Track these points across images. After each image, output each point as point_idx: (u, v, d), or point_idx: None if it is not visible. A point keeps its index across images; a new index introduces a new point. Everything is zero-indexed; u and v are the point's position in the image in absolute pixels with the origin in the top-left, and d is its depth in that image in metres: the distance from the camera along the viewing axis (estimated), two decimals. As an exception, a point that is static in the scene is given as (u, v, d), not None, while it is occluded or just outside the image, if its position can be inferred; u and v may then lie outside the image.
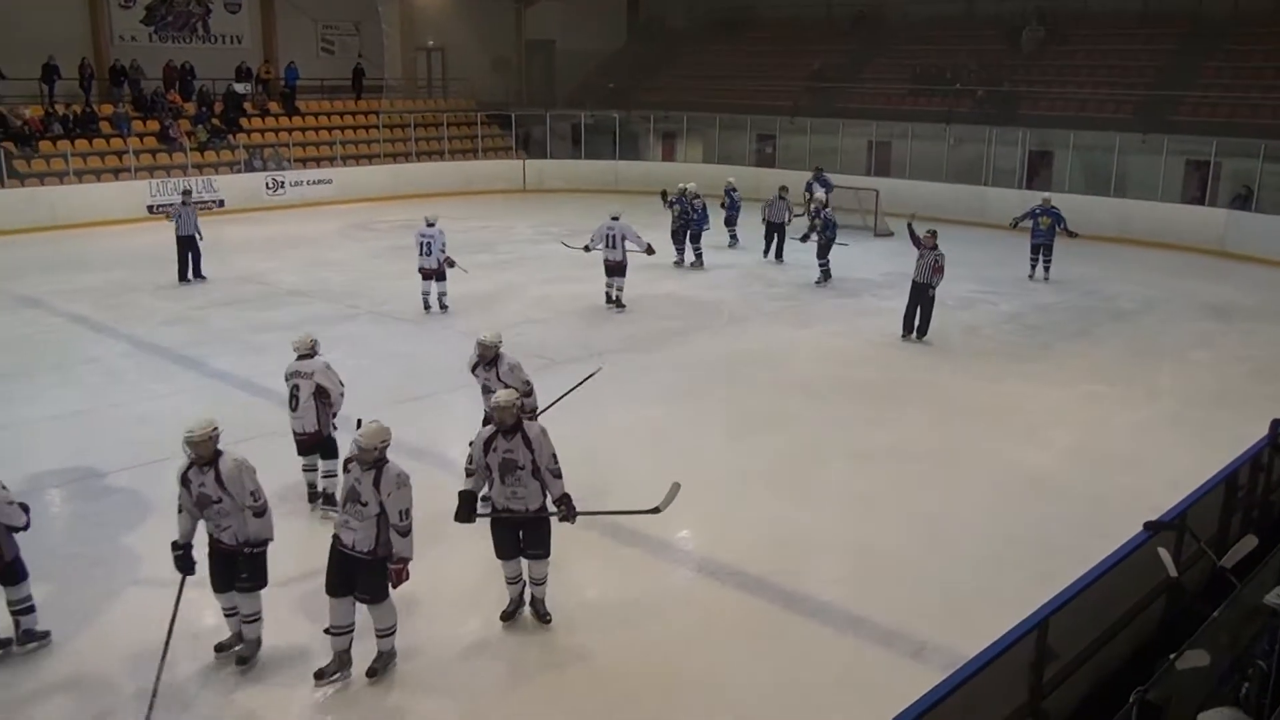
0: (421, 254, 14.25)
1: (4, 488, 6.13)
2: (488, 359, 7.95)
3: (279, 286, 16.29)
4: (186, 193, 17.71)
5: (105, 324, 13.79)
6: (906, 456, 9.44)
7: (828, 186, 20.67)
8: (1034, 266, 17.22)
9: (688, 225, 17.79)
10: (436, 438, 9.70)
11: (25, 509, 6.17)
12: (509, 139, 30.76)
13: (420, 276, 14.48)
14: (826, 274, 16.47)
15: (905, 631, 6.42)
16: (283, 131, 27.51)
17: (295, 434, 8.28)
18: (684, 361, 12.36)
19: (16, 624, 6.21)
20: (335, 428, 8.26)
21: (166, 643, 5.68)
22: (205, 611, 6.35)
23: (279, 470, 8.84)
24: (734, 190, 20.04)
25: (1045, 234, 17.02)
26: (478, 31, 32.68)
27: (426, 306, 14.50)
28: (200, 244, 16.67)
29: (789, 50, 30.20)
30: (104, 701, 5.66)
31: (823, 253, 16.38)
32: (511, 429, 6.25)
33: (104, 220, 22.13)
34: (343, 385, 8.33)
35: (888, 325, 13.47)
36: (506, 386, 7.10)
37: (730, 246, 19.55)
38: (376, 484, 5.70)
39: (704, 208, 18.05)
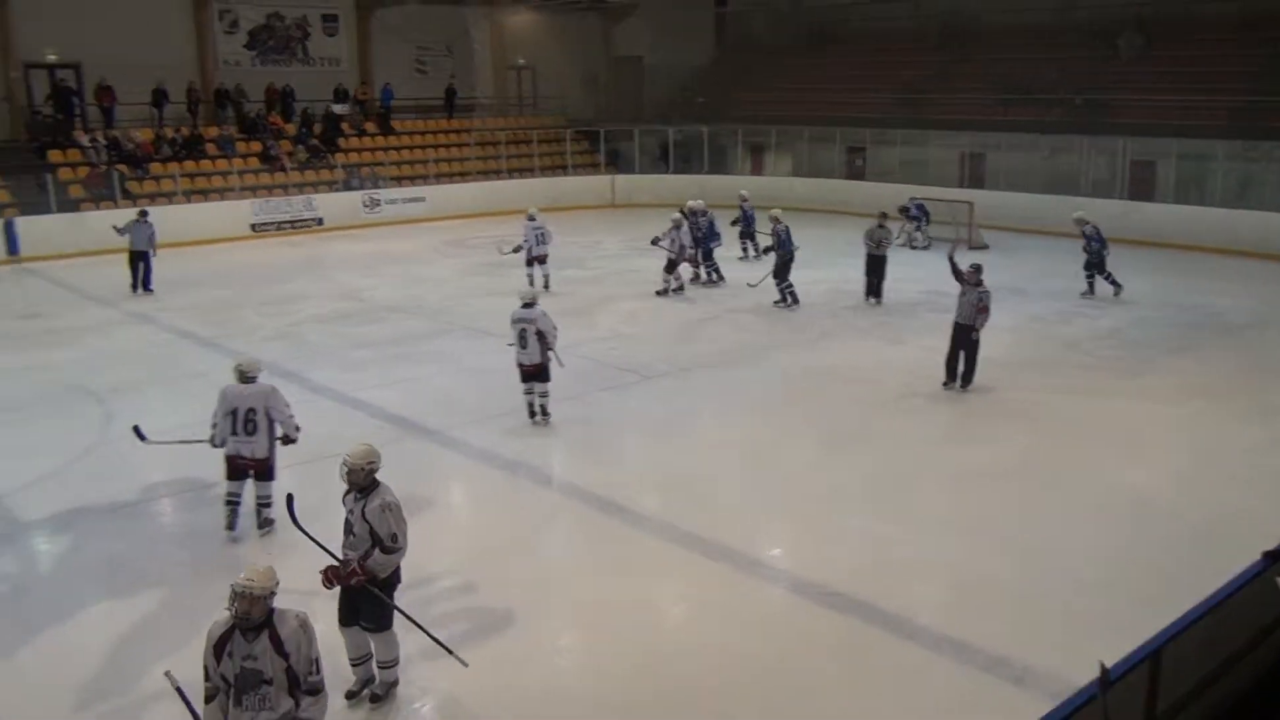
0: (538, 243, 16.58)
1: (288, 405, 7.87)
2: (361, 484, 5.86)
3: (376, 302, 16.65)
4: (143, 212, 18.20)
5: (211, 339, 14.24)
6: (1005, 476, 9.22)
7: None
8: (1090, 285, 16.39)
9: (697, 243, 17.65)
10: (528, 452, 9.78)
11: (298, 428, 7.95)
12: (597, 155, 31.02)
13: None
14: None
15: (1008, 657, 6.26)
16: (379, 150, 28.16)
17: (522, 365, 10.23)
18: (774, 377, 12.28)
19: (259, 513, 7.95)
20: (552, 358, 10.28)
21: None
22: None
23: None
24: (745, 201, 19.78)
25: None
26: (566, 49, 33.07)
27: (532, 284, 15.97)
28: (153, 259, 17.65)
29: (877, 62, 29.88)
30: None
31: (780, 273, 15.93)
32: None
33: (209, 239, 22.88)
34: (557, 328, 10.29)
35: (985, 342, 13.19)
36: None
37: (742, 259, 19.24)
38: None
39: (711, 224, 17.79)
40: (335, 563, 5.65)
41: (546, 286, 16.62)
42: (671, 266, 16.71)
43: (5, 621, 6.76)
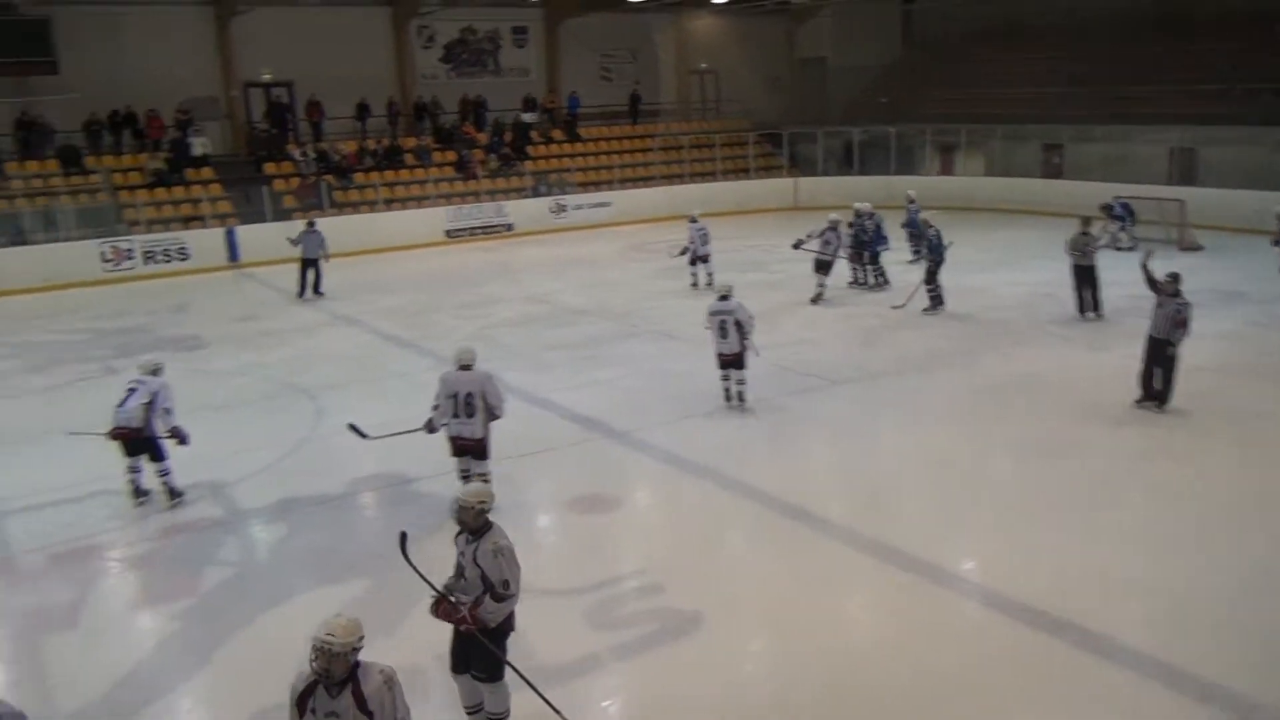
0: (701, 244, 17.57)
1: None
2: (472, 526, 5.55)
3: (564, 306, 17.06)
4: (311, 223, 19.25)
5: (411, 341, 14.92)
6: (1217, 492, 8.61)
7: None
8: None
9: (863, 246, 17.17)
10: (716, 455, 9.80)
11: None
12: (781, 157, 30.84)
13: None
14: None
15: (1227, 687, 5.85)
16: (566, 157, 28.87)
17: (722, 354, 10.88)
18: (966, 384, 11.88)
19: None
20: (749, 347, 10.88)
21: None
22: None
23: (559, 480, 9.27)
24: (913, 203, 18.94)
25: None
26: (749, 52, 33.03)
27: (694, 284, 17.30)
28: (323, 265, 18.73)
29: (1074, 55, 28.47)
30: (413, 692, 6.06)
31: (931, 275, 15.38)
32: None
33: (407, 245, 23.99)
34: (753, 318, 10.90)
35: (1198, 348, 12.38)
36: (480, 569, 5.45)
37: (912, 261, 18.35)
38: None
39: (879, 227, 17.20)
40: (444, 597, 5.37)
41: (710, 284, 17.08)
42: (823, 268, 16.36)
43: (229, 604, 7.27)
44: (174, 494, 9.13)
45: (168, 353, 14.55)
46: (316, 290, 18.79)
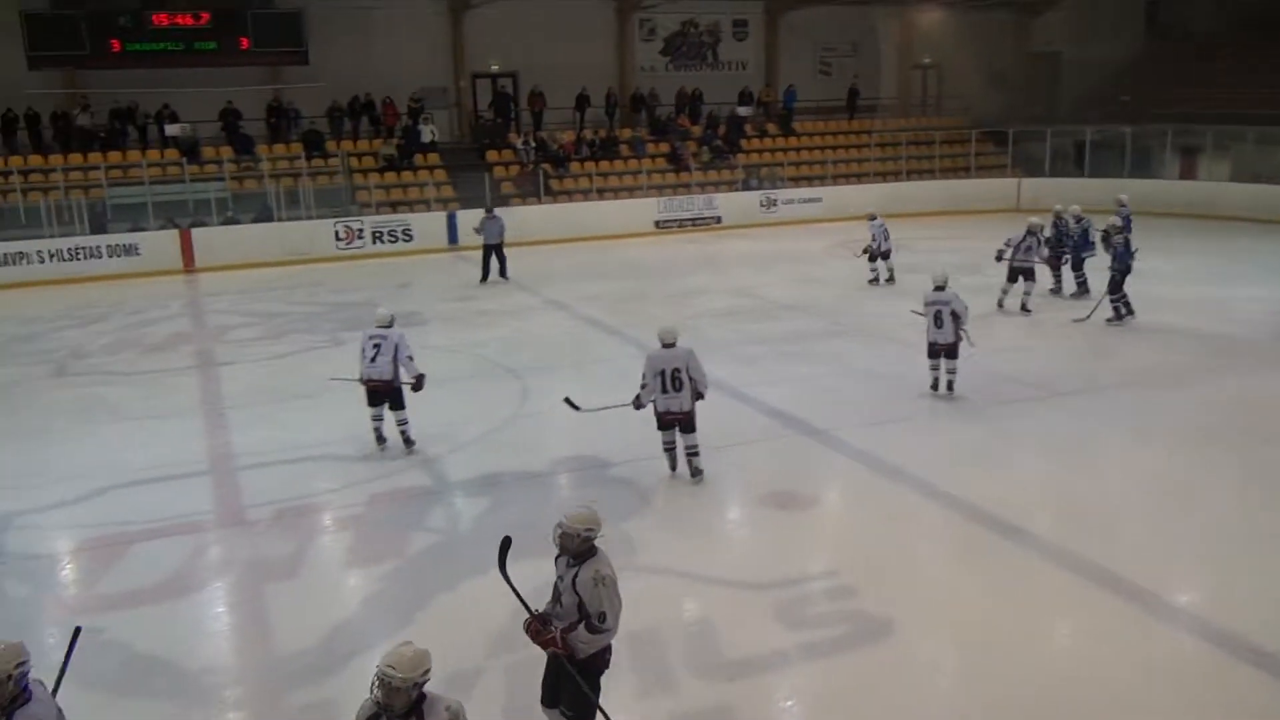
0: (884, 240, 17.63)
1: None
2: (574, 551, 5.13)
3: (770, 300, 16.94)
4: (491, 210, 19.99)
5: (616, 328, 15.17)
6: None
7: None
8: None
9: (1063, 251, 16.08)
10: (917, 460, 9.49)
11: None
12: (1003, 157, 29.52)
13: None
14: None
15: None
16: (778, 151, 28.65)
17: (935, 343, 11.04)
18: (1199, 403, 11.01)
19: (689, 462, 8.95)
20: (964, 337, 11.08)
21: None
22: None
23: (754, 475, 9.19)
24: (1124, 206, 17.42)
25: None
26: (975, 47, 31.73)
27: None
28: (505, 251, 19.44)
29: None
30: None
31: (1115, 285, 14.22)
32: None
33: (617, 234, 24.41)
34: (968, 308, 11.09)
35: None
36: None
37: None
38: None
39: (1086, 232, 15.97)
40: (535, 616, 5.03)
41: (890, 280, 17.78)
42: (1025, 275, 15.34)
43: (432, 568, 7.58)
44: (409, 442, 10.03)
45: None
46: (502, 275, 19.40)
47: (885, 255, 17.86)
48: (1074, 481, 9.09)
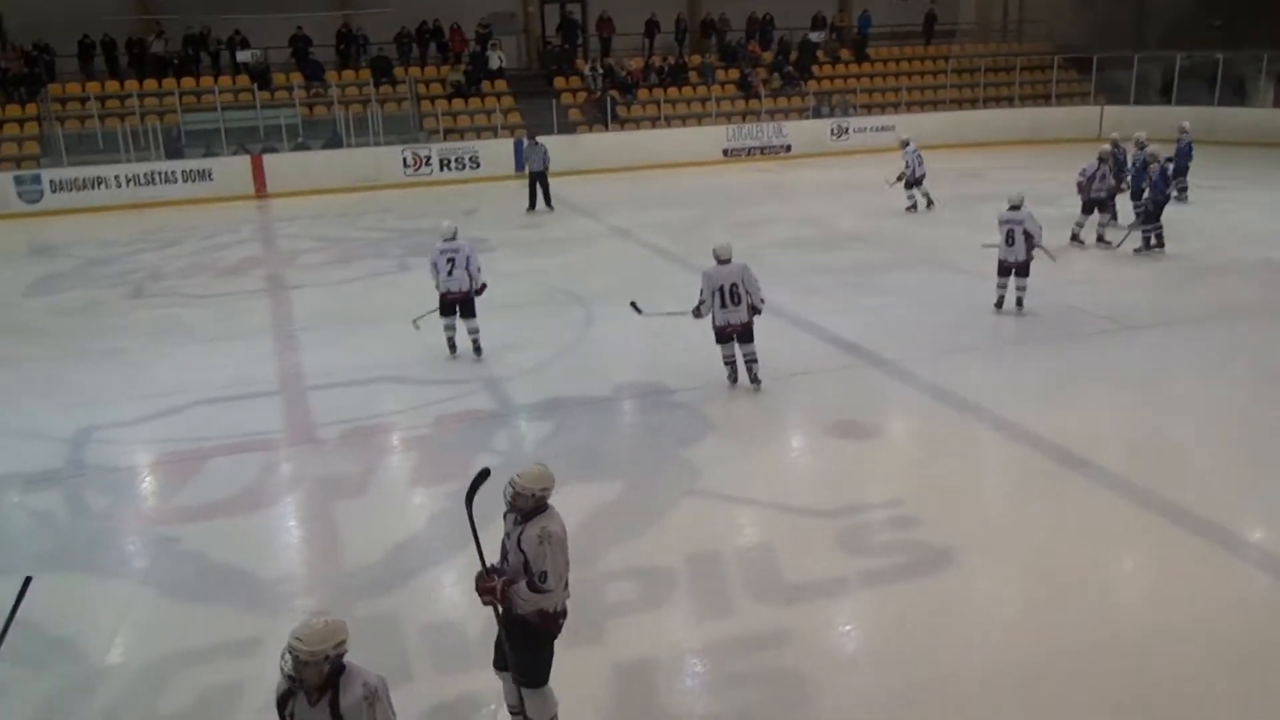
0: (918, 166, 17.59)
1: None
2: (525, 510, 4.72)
3: (837, 230, 16.69)
4: (533, 135, 19.90)
5: (680, 255, 15.07)
6: None
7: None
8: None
9: (1122, 181, 15.39)
10: (984, 391, 9.34)
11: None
12: (1086, 84, 28.52)
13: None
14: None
15: None
16: (851, 78, 27.99)
17: (1005, 261, 11.28)
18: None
19: (749, 369, 9.36)
20: (1044, 253, 11.42)
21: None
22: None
23: (819, 404, 9.13)
24: (1185, 134, 17.08)
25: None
26: (1062, -32, 30.56)
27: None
28: (549, 178, 19.18)
29: None
30: (660, 592, 6.21)
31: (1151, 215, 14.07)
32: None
33: (684, 162, 24.16)
34: (1042, 228, 11.28)
35: None
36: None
37: (1177, 199, 16.45)
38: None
39: (1146, 162, 14.83)
40: (487, 569, 4.69)
41: (930, 206, 17.98)
42: (1100, 207, 14.86)
43: (499, 491, 7.66)
44: (479, 350, 10.63)
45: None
46: (547, 204, 19.26)
47: (919, 181, 17.82)
48: (1144, 416, 8.89)
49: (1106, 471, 7.65)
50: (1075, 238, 14.78)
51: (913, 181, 17.77)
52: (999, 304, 11.56)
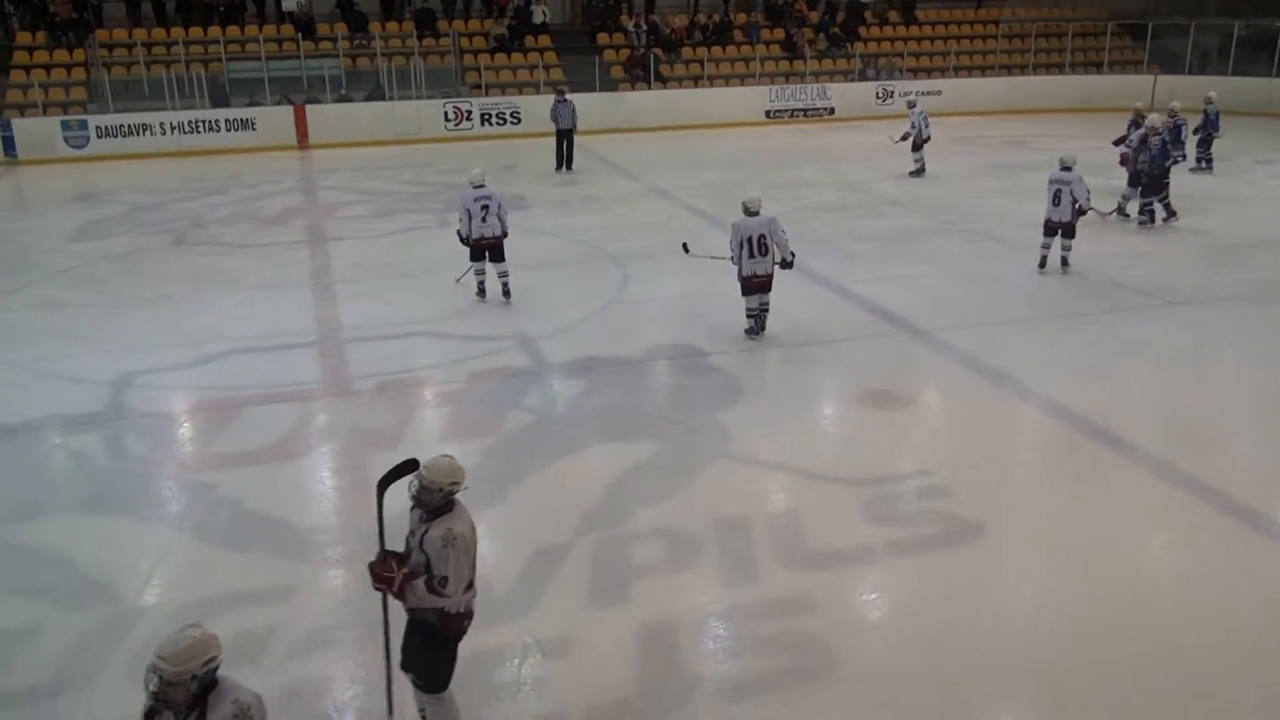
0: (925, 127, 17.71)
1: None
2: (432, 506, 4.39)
3: (878, 196, 16.51)
4: (561, 91, 19.50)
5: (719, 218, 14.95)
6: None
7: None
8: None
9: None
10: (1018, 363, 9.26)
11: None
12: (1141, 52, 27.89)
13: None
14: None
15: None
16: (898, 41, 27.56)
17: (1051, 220, 11.57)
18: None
19: (760, 319, 9.72)
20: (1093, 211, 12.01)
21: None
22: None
23: (852, 371, 9.09)
24: (1210, 104, 17.11)
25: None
26: (1120, -69, 29.81)
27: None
28: (575, 137, 18.91)
29: None
30: (688, 554, 6.25)
31: (1150, 188, 13.95)
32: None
33: (726, 122, 23.95)
34: (1090, 192, 11.58)
35: None
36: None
37: (1195, 170, 16.99)
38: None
39: (1179, 129, 14.96)
40: (385, 554, 4.42)
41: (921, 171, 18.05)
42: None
43: (528, 447, 7.74)
44: (508, 293, 11.01)
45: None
46: (568, 165, 19.09)
47: (924, 143, 17.98)
48: (1182, 394, 8.78)
49: (1140, 449, 7.57)
50: (1121, 210, 14.52)
51: (919, 143, 17.87)
52: (1042, 264, 11.84)
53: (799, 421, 8.29)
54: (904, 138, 17.95)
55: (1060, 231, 11.61)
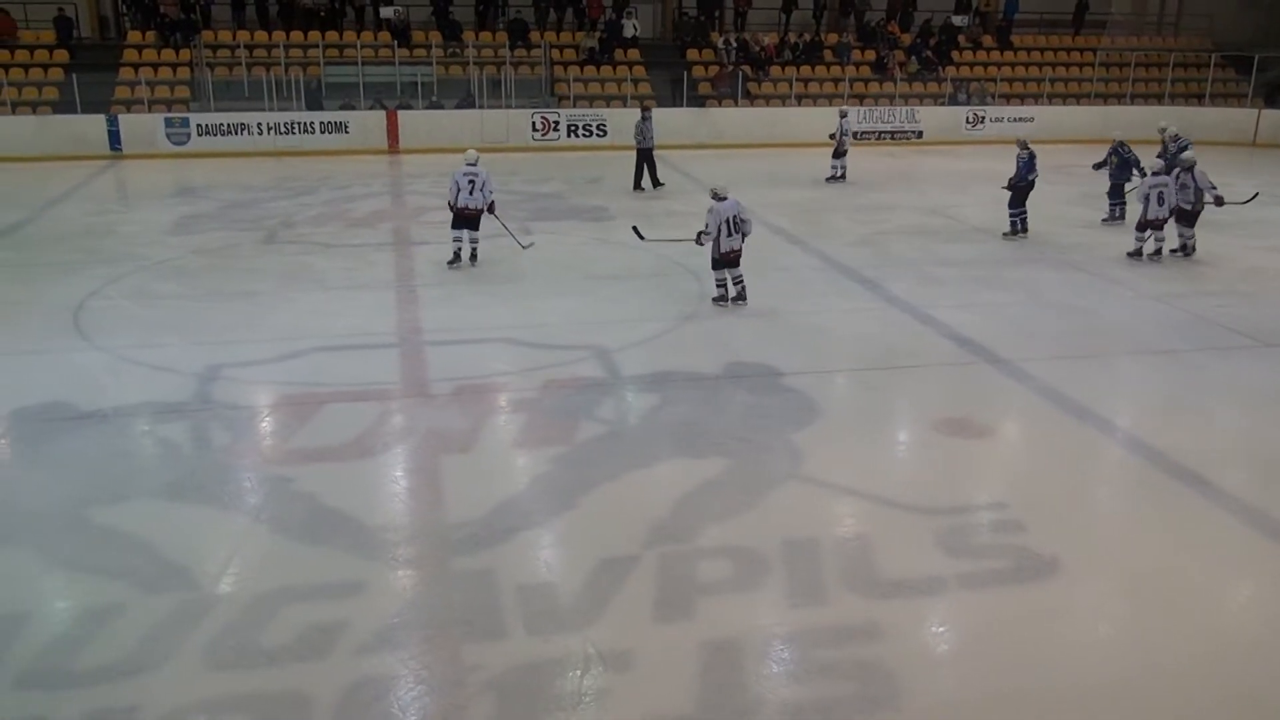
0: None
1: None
2: None
3: (964, 222, 16.28)
4: (646, 108, 19.42)
5: (800, 237, 14.92)
6: None
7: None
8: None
9: (1127, 178, 15.95)
10: (1104, 398, 9.04)
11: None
12: (1245, 85, 27.13)
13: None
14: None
15: None
16: (991, 66, 27.19)
17: (1151, 219, 13.23)
18: None
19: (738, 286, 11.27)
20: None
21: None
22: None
23: (930, 398, 8.95)
24: (1166, 131, 17.25)
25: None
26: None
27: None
28: (654, 155, 19.05)
29: None
30: (754, 574, 6.21)
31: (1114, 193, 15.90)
32: None
33: (813, 142, 23.79)
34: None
35: None
36: None
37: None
38: None
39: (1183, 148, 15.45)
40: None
41: (842, 178, 19.61)
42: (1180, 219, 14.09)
43: (598, 457, 7.77)
44: (475, 256, 12.97)
45: (577, 220, 15.59)
46: (654, 182, 18.89)
47: (843, 153, 19.40)
48: (1273, 438, 8.47)
49: (1227, 493, 7.33)
50: (1184, 249, 14.04)
51: (840, 152, 18.88)
52: (1136, 254, 13.55)
53: (873, 446, 8.19)
54: (831, 136, 19.39)
55: (1155, 227, 13.22)
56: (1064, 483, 7.56)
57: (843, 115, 19.47)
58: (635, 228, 11.90)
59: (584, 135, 23.47)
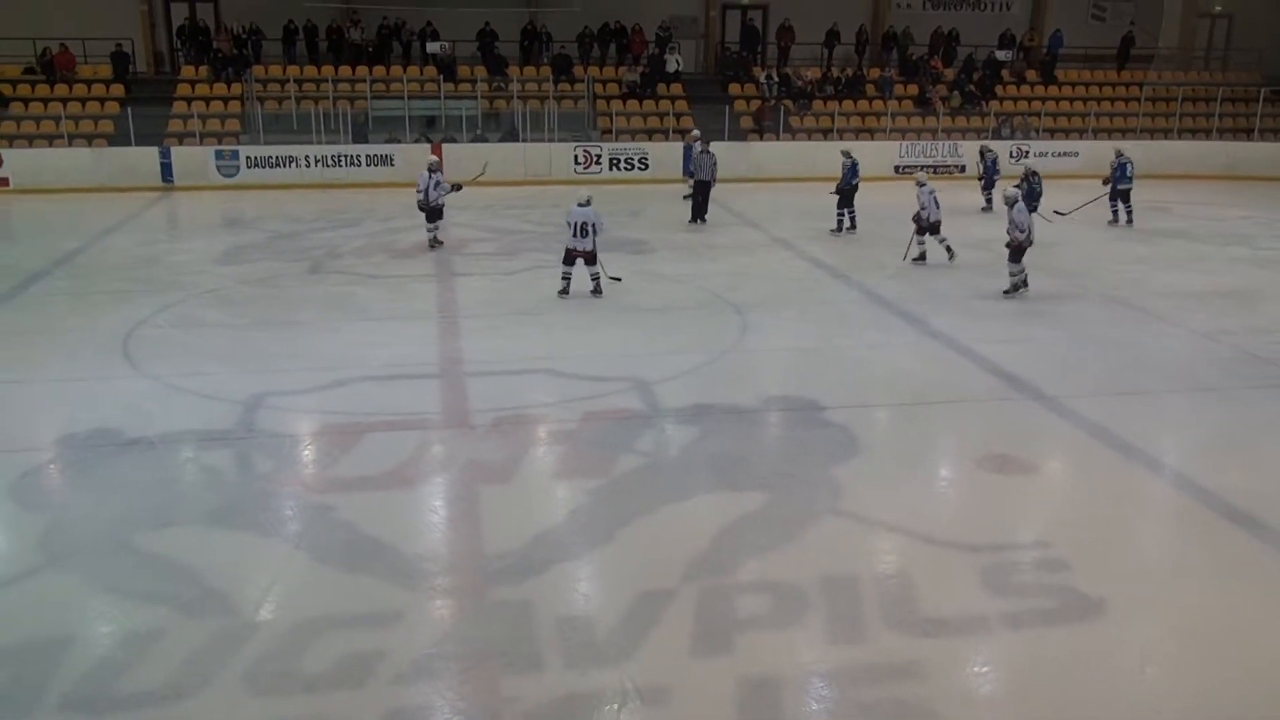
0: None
1: None
2: None
3: (1004, 256, 16.11)
4: (705, 140, 19.62)
5: (842, 271, 14.89)
6: None
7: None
8: None
9: (1034, 205, 16.22)
10: (1149, 436, 8.89)
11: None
12: (1296, 120, 26.81)
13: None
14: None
15: None
16: (1035, 100, 27.07)
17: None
18: None
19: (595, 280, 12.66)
20: None
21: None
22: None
23: (972, 434, 8.85)
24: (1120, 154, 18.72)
25: None
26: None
27: None
28: (712, 189, 18.74)
29: None
30: (793, 610, 6.15)
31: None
32: None
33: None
34: None
35: None
36: None
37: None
38: None
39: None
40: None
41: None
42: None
43: (636, 489, 7.75)
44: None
45: (618, 253, 15.66)
46: (702, 218, 18.71)
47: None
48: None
49: (1278, 532, 7.16)
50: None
51: (926, 227, 16.73)
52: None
53: (914, 482, 8.10)
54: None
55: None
56: (1109, 521, 7.43)
57: (920, 185, 16.17)
58: (614, 276, 13.19)
59: (626, 169, 23.64)
